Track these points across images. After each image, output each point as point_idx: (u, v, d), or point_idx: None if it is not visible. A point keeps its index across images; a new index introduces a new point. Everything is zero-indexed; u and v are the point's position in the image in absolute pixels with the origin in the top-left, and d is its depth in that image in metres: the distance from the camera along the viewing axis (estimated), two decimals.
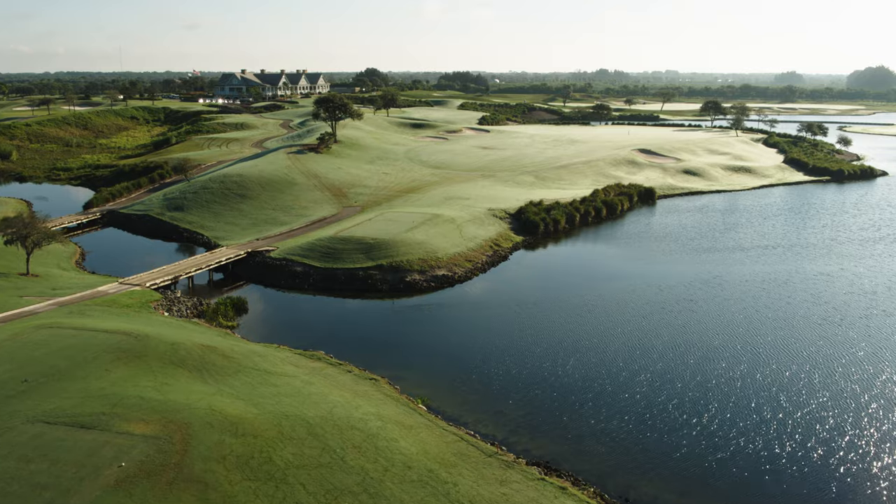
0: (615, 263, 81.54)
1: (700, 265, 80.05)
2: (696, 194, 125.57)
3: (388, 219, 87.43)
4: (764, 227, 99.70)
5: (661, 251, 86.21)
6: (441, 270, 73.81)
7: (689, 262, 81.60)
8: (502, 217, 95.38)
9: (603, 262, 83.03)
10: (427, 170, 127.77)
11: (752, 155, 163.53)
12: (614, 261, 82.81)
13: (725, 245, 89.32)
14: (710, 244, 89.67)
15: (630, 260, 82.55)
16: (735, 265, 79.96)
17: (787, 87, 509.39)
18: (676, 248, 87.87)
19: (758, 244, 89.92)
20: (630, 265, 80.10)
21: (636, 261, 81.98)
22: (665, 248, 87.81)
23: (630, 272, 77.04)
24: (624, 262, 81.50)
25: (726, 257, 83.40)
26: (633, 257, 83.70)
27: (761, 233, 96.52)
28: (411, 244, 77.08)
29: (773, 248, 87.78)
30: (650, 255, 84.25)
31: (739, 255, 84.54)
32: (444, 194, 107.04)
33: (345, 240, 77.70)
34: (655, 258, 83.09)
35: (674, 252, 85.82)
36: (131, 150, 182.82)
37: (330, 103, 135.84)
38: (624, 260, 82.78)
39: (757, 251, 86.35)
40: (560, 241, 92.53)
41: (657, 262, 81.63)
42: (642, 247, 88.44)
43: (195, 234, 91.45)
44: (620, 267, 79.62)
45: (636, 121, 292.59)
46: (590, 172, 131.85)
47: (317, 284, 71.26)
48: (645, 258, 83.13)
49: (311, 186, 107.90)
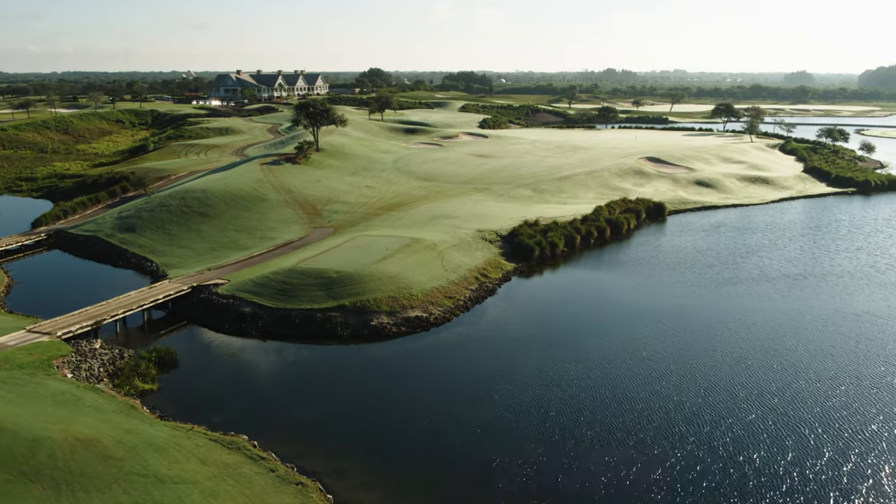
0: (620, 299, 70.24)
1: (720, 301, 68.66)
2: (709, 209, 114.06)
3: (360, 245, 76.31)
4: (790, 250, 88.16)
5: (674, 282, 74.86)
6: (414, 311, 62.63)
7: (707, 297, 70.21)
8: (493, 240, 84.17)
9: (606, 297, 71.74)
10: (415, 182, 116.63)
11: (770, 163, 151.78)
12: (619, 296, 71.51)
13: (748, 274, 77.87)
14: (731, 273, 78.24)
15: (638, 295, 71.19)
16: (761, 301, 68.49)
17: (800, 88, 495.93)
18: (692, 278, 76.48)
19: (785, 272, 78.44)
20: (638, 302, 68.75)
21: (645, 296, 70.63)
22: (679, 278, 76.45)
23: (638, 312, 65.70)
24: (631, 298, 70.17)
25: (750, 290, 71.92)
26: (641, 291, 72.36)
27: (787, 257, 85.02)
28: (381, 279, 65.93)
29: (804, 279, 76.27)
30: (662, 288, 72.92)
31: (765, 287, 73.03)
32: (430, 212, 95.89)
33: (304, 273, 66.60)
34: (668, 292, 71.74)
35: (689, 283, 74.44)
36: (108, 156, 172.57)
37: (310, 108, 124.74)
38: (631, 294, 71.45)
39: (785, 282, 74.86)
40: (558, 269, 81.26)
41: (670, 297, 70.28)
42: (652, 276, 77.09)
43: (144, 260, 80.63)
44: (626, 305, 68.31)
45: (644, 123, 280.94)
46: (593, 184, 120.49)
47: (266, 329, 60.21)
48: (656, 292, 71.80)
49: (281, 203, 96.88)
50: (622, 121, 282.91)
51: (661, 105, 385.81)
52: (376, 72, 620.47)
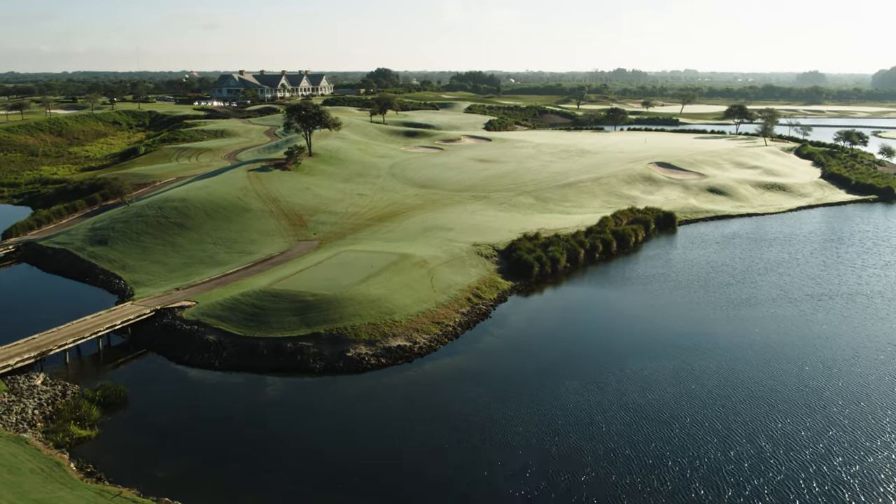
0: (626, 325, 63.76)
1: (738, 327, 62.06)
2: (723, 218, 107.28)
3: (343, 262, 70.14)
4: (812, 266, 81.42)
5: (686, 304, 68.33)
6: (396, 339, 56.38)
7: (723, 322, 63.64)
8: (489, 255, 77.85)
9: (610, 323, 65.24)
10: (411, 189, 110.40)
11: (785, 168, 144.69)
12: (626, 320, 65.03)
13: (767, 294, 71.23)
14: (749, 292, 71.62)
15: (647, 319, 64.72)
16: (783, 328, 61.86)
17: (813, 88, 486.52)
18: (706, 298, 69.92)
19: (808, 292, 71.74)
20: (647, 329, 62.27)
21: (655, 321, 64.15)
22: (691, 298, 69.91)
23: (647, 341, 59.23)
24: (638, 324, 63.71)
25: (771, 314, 65.29)
26: (650, 315, 65.90)
27: (810, 274, 78.28)
28: (362, 302, 59.72)
29: (830, 299, 69.56)
30: (673, 312, 66.40)
31: (787, 310, 66.38)
32: (424, 223, 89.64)
33: (278, 295, 60.46)
34: (680, 316, 65.23)
35: (703, 305, 67.90)
36: (99, 160, 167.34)
37: (303, 112, 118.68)
38: (639, 319, 64.99)
39: (809, 304, 68.15)
40: (559, 287, 74.86)
41: (682, 322, 63.76)
42: (662, 297, 70.58)
43: (112, 276, 74.79)
44: (633, 332, 61.84)
45: (654, 125, 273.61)
46: (600, 192, 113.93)
47: (231, 360, 54.11)
48: (667, 316, 65.30)
49: (265, 213, 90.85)
50: (631, 122, 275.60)
51: (671, 106, 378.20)
52: (383, 72, 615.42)
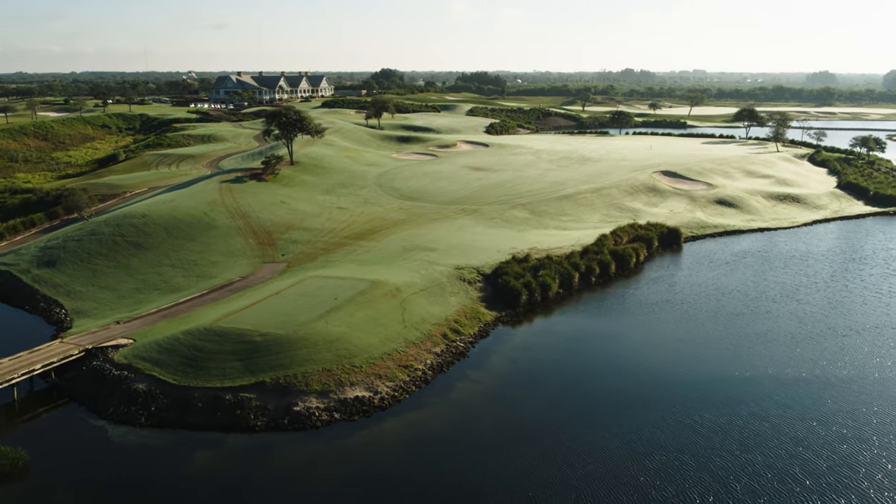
0: (623, 368, 55.94)
1: (753, 371, 54.20)
2: (732, 234, 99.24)
3: (306, 291, 62.60)
4: (833, 292, 73.46)
5: (694, 340, 60.51)
6: (355, 389, 48.81)
7: (735, 363, 55.78)
8: (472, 280, 70.23)
9: (605, 364, 57.36)
10: (396, 202, 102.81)
11: (799, 177, 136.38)
12: (623, 361, 57.21)
13: (785, 327, 63.31)
14: (764, 325, 63.75)
15: (647, 358, 56.94)
16: (804, 372, 53.96)
17: (825, 89, 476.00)
18: (715, 333, 62.09)
19: (831, 324, 63.78)
20: (646, 372, 54.46)
21: (656, 361, 56.38)
22: (700, 332, 62.10)
23: (645, 389, 51.48)
24: (637, 366, 55.88)
25: (790, 354, 57.36)
26: (651, 352, 58.13)
27: (831, 301, 70.32)
28: (318, 343, 52.18)
29: (857, 334, 61.57)
30: (679, 349, 58.65)
31: (808, 348, 58.42)
32: (405, 241, 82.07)
33: (223, 334, 52.98)
34: (687, 355, 57.45)
35: (712, 342, 60.09)
36: (80, 166, 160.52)
37: (282, 118, 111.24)
38: (638, 358, 57.20)
39: (833, 340, 60.16)
40: (549, 317, 67.18)
41: (688, 362, 56.00)
42: (666, 330, 62.80)
43: (54, 304, 67.64)
44: (631, 377, 54.03)
45: (660, 128, 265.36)
46: (600, 204, 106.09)
47: (160, 415, 46.66)
48: (671, 354, 57.56)
49: (232, 231, 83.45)
50: (637, 125, 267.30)
51: (679, 108, 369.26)
52: (387, 72, 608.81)
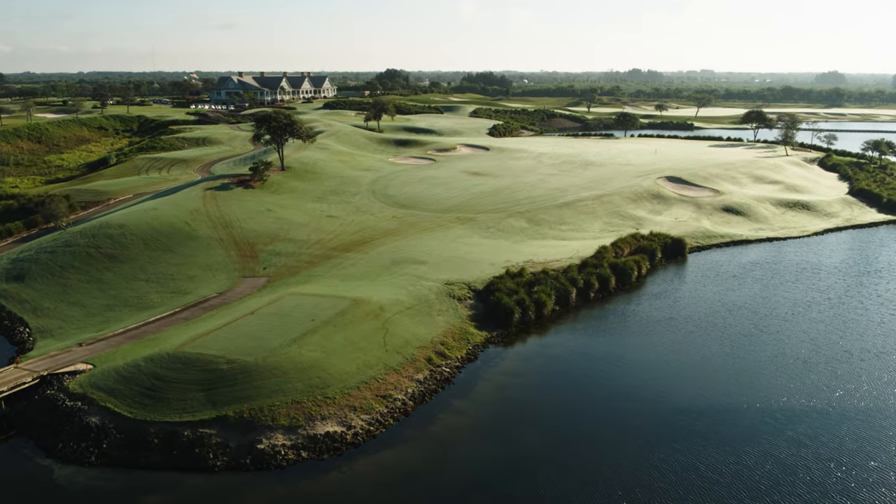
0: (624, 393, 51.74)
1: (765, 402, 49.91)
2: (739, 244, 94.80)
3: (282, 310, 58.62)
4: (848, 309, 69.04)
5: (699, 366, 56.25)
6: (326, 424, 44.80)
7: (745, 391, 51.54)
8: (462, 297, 66.14)
9: (604, 391, 53.13)
10: (389, 210, 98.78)
11: (809, 183, 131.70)
12: (623, 388, 53.01)
13: (797, 350, 58.95)
14: (775, 347, 59.42)
15: (649, 386, 52.73)
16: (824, 399, 49.63)
17: (834, 90, 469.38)
18: (721, 358, 57.80)
19: (847, 347, 59.36)
20: (645, 405, 50.27)
21: (660, 388, 52.13)
22: (705, 357, 57.84)
23: (648, 419, 47.32)
24: (639, 392, 51.70)
25: (806, 383, 53.02)
26: (654, 377, 53.90)
27: (846, 320, 65.88)
28: (289, 371, 48.20)
29: (877, 358, 57.11)
30: (683, 375, 54.40)
31: (824, 375, 54.06)
32: (395, 253, 78.06)
33: (187, 361, 49.05)
34: (691, 382, 53.22)
35: (720, 368, 55.82)
36: (71, 170, 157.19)
37: (272, 122, 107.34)
38: (639, 385, 53.00)
39: (851, 365, 55.74)
40: (544, 337, 63.03)
41: (694, 391, 51.77)
42: (669, 353, 58.57)
43: (18, 322, 63.99)
44: (634, 406, 49.86)
45: (666, 130, 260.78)
46: (602, 212, 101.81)
47: (112, 453, 42.77)
48: (674, 381, 53.31)
49: (213, 242, 79.58)
50: (643, 127, 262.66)
51: (686, 109, 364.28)
52: (392, 73, 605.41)
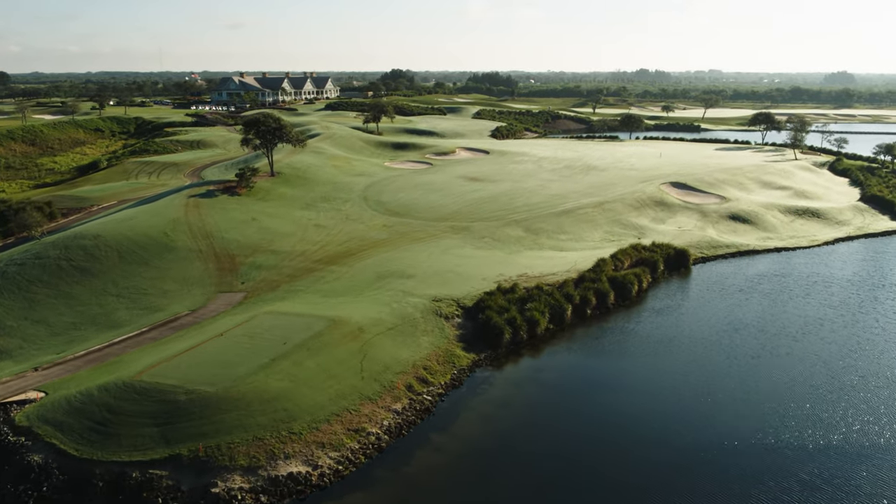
0: (621, 429, 47.54)
1: (775, 434, 45.68)
2: (746, 254, 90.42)
3: (254, 331, 54.69)
4: (863, 328, 64.69)
5: (704, 394, 52.03)
6: (290, 464, 40.79)
7: (753, 423, 47.31)
8: (450, 315, 62.10)
9: (599, 422, 48.93)
10: (380, 218, 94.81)
11: (819, 189, 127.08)
12: (621, 418, 48.81)
13: (810, 375, 54.65)
14: (785, 373, 55.12)
15: (650, 416, 48.54)
16: (839, 434, 45.35)
17: (844, 91, 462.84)
18: (729, 381, 53.56)
19: (862, 370, 55.04)
20: (650, 433, 46.09)
21: (661, 420, 47.93)
22: (709, 382, 53.62)
23: (650, 456, 43.14)
24: (638, 425, 47.49)
25: (820, 415, 48.74)
26: (654, 407, 49.71)
27: (862, 340, 61.50)
28: (252, 403, 44.26)
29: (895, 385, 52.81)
30: (685, 405, 50.21)
31: (839, 405, 49.75)
32: (382, 266, 74.08)
33: (143, 391, 45.17)
34: (694, 411, 49.02)
35: (726, 396, 51.59)
36: (62, 173, 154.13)
37: (261, 125, 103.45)
38: (639, 415, 48.83)
39: (868, 394, 51.45)
40: (537, 358, 58.97)
41: (699, 423, 47.57)
42: (671, 378, 54.44)
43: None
44: (630, 440, 45.70)
45: (673, 132, 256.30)
46: (602, 220, 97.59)
47: (53, 497, 38.94)
48: (676, 410, 49.10)
49: (192, 254, 75.78)
50: (649, 129, 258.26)
51: (693, 110, 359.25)
52: (397, 73, 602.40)
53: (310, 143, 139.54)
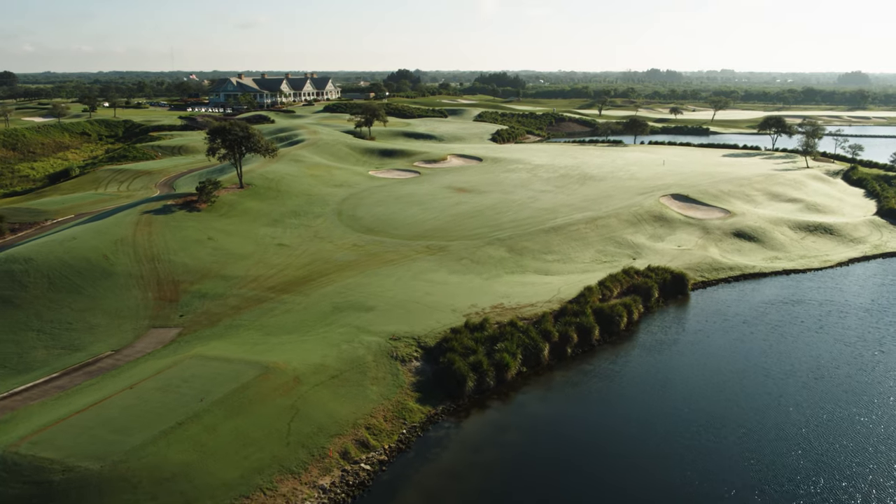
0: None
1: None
2: (751, 278, 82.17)
3: (168, 384, 47.03)
4: (885, 371, 56.47)
5: (696, 464, 43.94)
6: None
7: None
8: (408, 357, 54.30)
9: (577, 500, 40.94)
10: (351, 236, 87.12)
11: (832, 201, 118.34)
12: (611, 492, 40.76)
13: (824, 439, 46.54)
14: (792, 437, 46.96)
15: (632, 492, 40.46)
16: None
17: (858, 92, 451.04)
18: (729, 444, 45.48)
19: (892, 434, 46.78)
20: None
21: (653, 499, 39.88)
22: (706, 451, 45.52)
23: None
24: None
25: (837, 499, 40.63)
26: (638, 484, 41.64)
27: (883, 390, 53.30)
28: (141, 483, 36.60)
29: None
30: (675, 478, 42.09)
31: (862, 486, 41.62)
32: (341, 296, 66.36)
33: (14, 467, 37.65)
34: (689, 490, 40.88)
35: (725, 468, 43.49)
36: (35, 181, 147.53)
37: (227, 134, 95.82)
38: (624, 492, 40.75)
39: (890, 458, 43.30)
40: (504, 410, 51.11)
41: None
42: (658, 441, 46.31)
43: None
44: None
45: (680, 135, 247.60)
46: (594, 238, 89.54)
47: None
48: (665, 489, 40.97)
49: (132, 281, 68.31)
50: (656, 132, 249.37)
51: (702, 112, 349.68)
52: (404, 73, 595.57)
53: (290, 150, 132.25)
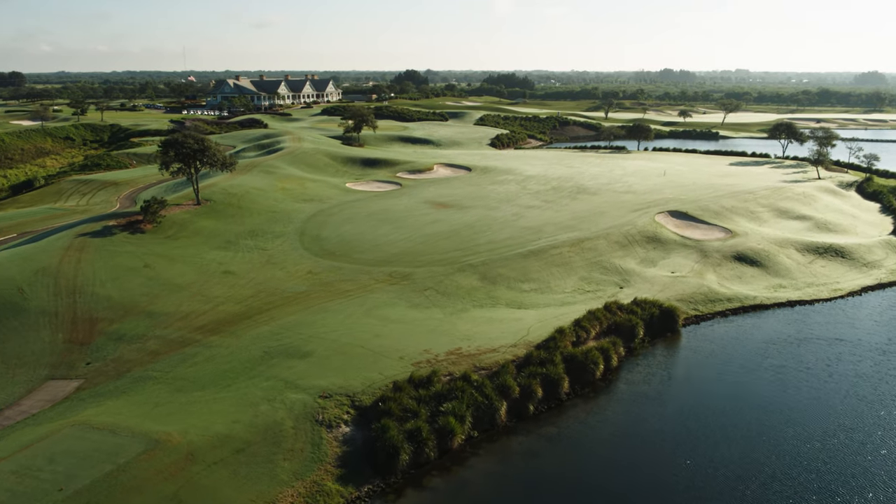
0: None
1: None
2: (751, 310, 73.25)
3: (30, 466, 39.00)
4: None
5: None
6: None
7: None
8: (335, 421, 46.04)
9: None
10: (308, 261, 78.95)
11: (844, 218, 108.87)
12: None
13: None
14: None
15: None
16: None
17: (875, 93, 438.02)
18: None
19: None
20: None
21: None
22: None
23: None
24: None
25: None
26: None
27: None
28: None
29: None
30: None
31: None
32: (276, 338, 58.15)
33: None
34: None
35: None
36: (2, 191, 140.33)
37: (182, 148, 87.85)
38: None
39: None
40: (447, 488, 42.72)
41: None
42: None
43: None
44: None
45: (689, 140, 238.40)
46: (579, 263, 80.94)
47: None
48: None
49: (44, 319, 60.42)
50: (663, 136, 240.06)
51: (713, 114, 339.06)
52: (412, 73, 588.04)
53: (265, 159, 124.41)
